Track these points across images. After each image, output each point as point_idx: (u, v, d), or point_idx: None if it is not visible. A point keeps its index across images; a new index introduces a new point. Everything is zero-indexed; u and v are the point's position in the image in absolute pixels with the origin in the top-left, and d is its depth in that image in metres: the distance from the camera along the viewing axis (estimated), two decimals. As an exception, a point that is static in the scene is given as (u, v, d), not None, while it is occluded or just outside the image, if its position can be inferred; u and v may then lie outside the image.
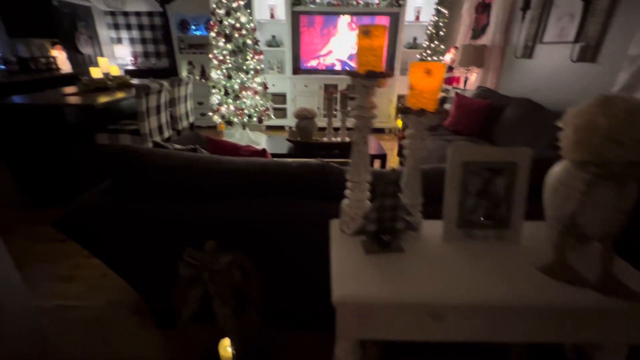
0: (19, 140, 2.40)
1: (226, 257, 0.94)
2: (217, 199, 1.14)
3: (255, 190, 1.13)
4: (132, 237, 1.16)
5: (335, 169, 1.11)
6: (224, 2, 3.44)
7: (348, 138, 2.76)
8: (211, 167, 1.14)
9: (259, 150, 1.40)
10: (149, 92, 2.51)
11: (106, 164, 1.17)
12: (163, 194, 1.14)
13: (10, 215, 2.47)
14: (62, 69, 4.90)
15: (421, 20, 4.47)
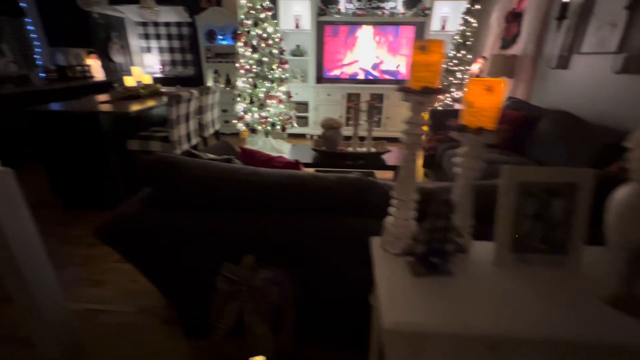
0: (56, 144, 2.50)
1: (264, 273, 0.92)
2: (253, 211, 1.13)
3: (292, 203, 1.12)
4: (169, 247, 1.16)
5: (375, 185, 1.07)
6: (252, 13, 3.51)
7: (374, 148, 2.73)
8: (247, 179, 1.13)
9: (292, 162, 1.39)
10: (180, 101, 2.57)
11: (145, 172, 1.18)
12: (200, 205, 1.15)
13: (45, 217, 2.57)
14: (96, 76, 5.13)
15: (447, 29, 4.41)
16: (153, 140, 2.64)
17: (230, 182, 1.13)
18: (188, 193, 1.14)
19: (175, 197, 1.16)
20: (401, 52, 4.49)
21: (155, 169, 1.17)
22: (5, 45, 3.94)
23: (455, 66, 4.13)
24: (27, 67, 4.18)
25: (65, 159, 2.55)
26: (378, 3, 4.40)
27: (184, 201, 1.15)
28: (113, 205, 2.63)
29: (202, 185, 1.14)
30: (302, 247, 1.10)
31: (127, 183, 2.72)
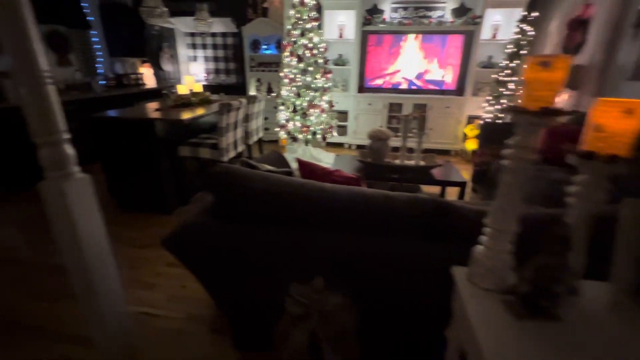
0: (115, 148, 2.65)
1: (337, 298, 0.87)
2: (318, 229, 1.08)
3: (360, 223, 1.06)
4: (230, 260, 1.14)
5: (456, 208, 0.99)
6: (299, 24, 3.55)
7: (423, 161, 2.61)
8: (314, 195, 1.09)
9: (352, 177, 1.34)
10: (231, 109, 2.63)
11: (209, 183, 1.18)
12: (264, 218, 1.12)
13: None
14: (148, 84, 5.45)
15: (498, 38, 4.20)
16: (203, 147, 2.71)
17: (297, 197, 1.09)
18: (253, 206, 1.12)
19: (239, 209, 1.14)
20: (448, 62, 4.33)
21: (221, 180, 1.16)
22: (73, 55, 4.29)
23: (507, 76, 3.91)
24: (90, 75, 4.52)
25: (122, 163, 2.69)
26: (425, 12, 4.30)
27: (248, 213, 1.13)
28: (163, 209, 2.74)
29: (268, 199, 1.11)
30: (369, 269, 1.03)
31: (177, 188, 2.81)
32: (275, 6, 4.71)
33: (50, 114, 1.01)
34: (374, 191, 1.08)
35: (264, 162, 1.84)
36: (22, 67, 0.95)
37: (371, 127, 4.72)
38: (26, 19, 0.93)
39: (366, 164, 2.62)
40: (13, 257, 2.18)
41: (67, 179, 1.09)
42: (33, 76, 0.96)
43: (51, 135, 1.02)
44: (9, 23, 0.90)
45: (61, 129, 1.05)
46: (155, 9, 2.57)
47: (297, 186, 1.12)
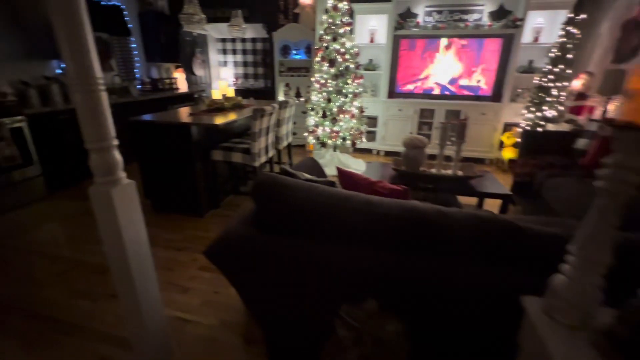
0: (152, 151, 2.71)
1: (391, 323, 0.80)
2: (363, 246, 1.02)
3: (411, 241, 0.99)
4: (271, 273, 1.10)
5: (529, 231, 0.90)
6: (331, 29, 3.52)
7: (461, 171, 2.49)
8: (362, 208, 1.04)
9: (398, 190, 1.27)
10: (264, 114, 2.62)
11: (255, 192, 1.15)
12: (308, 231, 1.07)
13: (137, 217, 2.78)
14: (180, 88, 5.62)
15: (540, 42, 3.98)
16: (235, 152, 2.72)
17: (344, 211, 1.04)
18: (297, 217, 1.08)
19: (284, 220, 1.10)
20: (484, 66, 4.16)
21: (266, 190, 1.13)
22: (114, 61, 4.49)
23: (550, 82, 3.68)
24: (128, 79, 4.71)
25: (157, 165, 2.75)
26: (461, 15, 4.15)
27: (292, 225, 1.09)
28: (196, 211, 2.77)
29: (313, 211, 1.06)
30: (422, 293, 0.96)
31: (209, 191, 2.84)
32: (306, 12, 4.72)
33: (102, 120, 1.02)
34: (428, 207, 1.01)
35: (301, 169, 1.81)
36: (78, 74, 0.96)
37: (401, 133, 4.61)
38: (85, 27, 0.94)
39: (400, 172, 2.53)
40: (56, 254, 2.27)
41: (115, 184, 1.09)
42: (88, 83, 0.97)
43: (102, 141, 1.03)
44: (69, 32, 0.92)
45: (111, 135, 1.06)
46: (194, 16, 2.63)
47: (343, 199, 1.06)
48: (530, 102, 3.94)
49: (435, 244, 0.97)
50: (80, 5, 0.92)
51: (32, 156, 3.03)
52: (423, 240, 0.98)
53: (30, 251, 2.31)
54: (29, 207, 2.98)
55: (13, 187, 2.90)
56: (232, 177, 3.27)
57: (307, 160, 1.94)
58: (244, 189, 3.37)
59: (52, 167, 3.23)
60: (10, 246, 2.36)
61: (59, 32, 0.91)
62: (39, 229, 2.63)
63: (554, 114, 3.76)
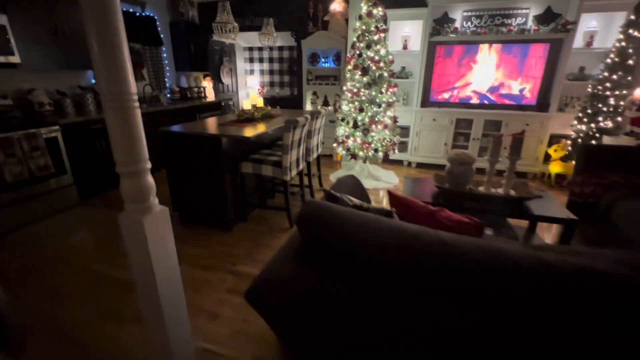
0: (180, 162, 2.64)
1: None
2: (432, 296, 0.83)
3: (502, 297, 0.79)
4: (321, 319, 0.93)
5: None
6: (365, 36, 3.37)
7: (513, 190, 2.23)
8: (430, 250, 0.85)
9: (470, 224, 1.07)
10: (297, 126, 2.49)
11: (301, 224, 0.99)
12: (366, 273, 0.90)
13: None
14: (208, 97, 5.64)
15: (594, 47, 3.65)
16: (265, 164, 2.60)
17: (407, 252, 0.85)
18: (351, 256, 0.91)
19: (336, 258, 0.93)
20: (529, 74, 3.86)
21: (313, 221, 0.97)
22: (145, 70, 4.54)
23: (606, 91, 3.35)
24: (159, 88, 4.75)
25: (186, 177, 2.67)
26: (503, 19, 3.89)
27: (345, 264, 0.92)
28: (223, 224, 2.66)
29: (373, 250, 0.89)
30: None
31: (237, 204, 2.72)
32: (336, 19, 4.61)
33: (136, 141, 0.89)
34: (523, 253, 0.81)
35: (342, 189, 1.64)
36: (111, 90, 0.84)
37: (434, 144, 4.36)
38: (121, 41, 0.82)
39: (444, 190, 2.30)
40: (84, 266, 2.21)
41: (147, 211, 0.97)
42: (122, 99, 0.85)
43: (135, 164, 0.91)
44: (104, 44, 0.80)
45: (145, 157, 0.93)
46: (227, 24, 2.56)
47: (409, 237, 0.88)
48: (582, 112, 3.60)
49: (535, 303, 0.76)
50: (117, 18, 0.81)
51: (65, 165, 3.05)
52: (518, 296, 0.78)
53: (60, 261, 2.26)
54: (61, 215, 2.98)
55: (47, 195, 2.91)
56: (260, 189, 3.15)
57: (347, 179, 1.77)
58: (272, 203, 3.24)
59: (84, 175, 3.24)
60: (41, 256, 2.33)
61: (93, 44, 0.80)
62: (69, 238, 2.60)
63: (611, 125, 3.41)
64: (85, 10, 0.76)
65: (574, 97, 3.91)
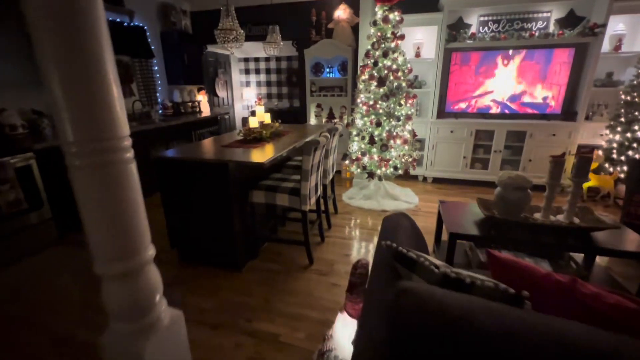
0: (178, 192, 2.24)
1: None
2: None
3: None
4: None
5: None
6: (382, 43, 3.06)
7: (577, 219, 1.90)
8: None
9: (637, 311, 0.72)
10: (317, 148, 2.13)
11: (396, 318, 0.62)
12: None
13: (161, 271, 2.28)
14: (203, 111, 5.25)
15: (623, 50, 3.41)
16: (280, 193, 2.22)
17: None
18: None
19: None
20: (553, 81, 3.60)
21: (421, 323, 0.60)
22: (134, 85, 4.14)
23: (643, 97, 3.09)
24: (150, 104, 4.35)
25: (186, 208, 2.27)
26: (523, 24, 3.64)
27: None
28: (232, 264, 2.24)
29: None
30: None
31: (246, 238, 2.33)
32: (341, 26, 4.31)
33: (132, 221, 0.51)
34: None
35: (397, 235, 1.27)
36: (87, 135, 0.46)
37: (452, 157, 4.05)
38: (107, 62, 0.45)
39: (495, 220, 1.95)
40: (62, 333, 1.77)
41: (149, 330, 0.58)
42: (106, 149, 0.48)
43: (130, 259, 0.52)
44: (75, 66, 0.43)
45: (146, 243, 0.55)
46: (231, 32, 2.20)
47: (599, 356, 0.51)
48: (614, 121, 3.34)
49: None
50: (100, 32, 0.44)
51: (41, 197, 2.61)
52: None
53: (31, 323, 1.82)
54: (36, 258, 2.53)
55: (20, 234, 2.47)
56: (270, 218, 2.76)
57: (396, 219, 1.40)
58: (285, 234, 2.85)
59: (64, 207, 2.80)
60: (8, 314, 1.88)
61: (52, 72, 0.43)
62: (42, 289, 2.15)
63: (647, 134, 3.15)
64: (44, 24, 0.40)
65: (601, 105, 3.66)
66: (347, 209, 3.39)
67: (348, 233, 2.86)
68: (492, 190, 3.93)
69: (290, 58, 6.27)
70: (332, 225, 2.97)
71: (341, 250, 2.57)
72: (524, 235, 1.86)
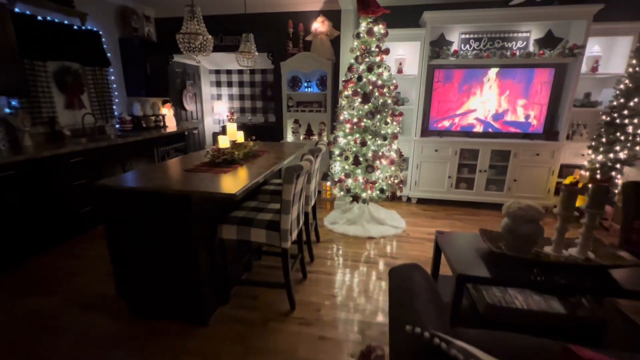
0: (128, 227, 1.81)
1: None
2: None
3: None
4: None
5: None
6: (366, 57, 2.84)
7: (592, 254, 1.71)
8: None
9: None
10: (300, 174, 1.81)
11: None
12: None
13: (109, 327, 1.81)
14: (169, 125, 4.78)
15: (600, 71, 3.45)
16: (256, 228, 1.86)
17: None
18: None
19: None
20: (534, 100, 3.56)
21: None
22: (86, 96, 3.64)
23: (625, 118, 3.09)
24: (104, 118, 3.84)
25: (138, 247, 1.84)
26: (503, 43, 3.61)
27: None
28: (196, 316, 1.78)
29: None
30: None
31: (214, 280, 1.92)
32: (320, 39, 4.09)
33: None
34: None
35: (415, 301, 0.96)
36: None
37: (437, 177, 3.87)
38: None
39: (506, 258, 1.71)
40: None
41: None
42: None
43: None
44: None
45: None
46: (197, 37, 1.84)
47: None
48: (595, 141, 3.33)
49: None
50: None
51: (-52, 235, 2.06)
52: None
53: None
54: None
55: None
56: (242, 254, 2.37)
57: (410, 273, 1.09)
58: (260, 273, 2.46)
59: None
60: None
61: None
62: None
63: (627, 155, 3.14)
64: None
65: (580, 125, 3.67)
66: (329, 236, 3.07)
67: (333, 267, 2.53)
68: (477, 211, 3.81)
69: (266, 71, 5.98)
70: (314, 257, 2.63)
71: (327, 289, 2.22)
72: (538, 275, 1.63)
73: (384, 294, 2.17)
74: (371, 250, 2.80)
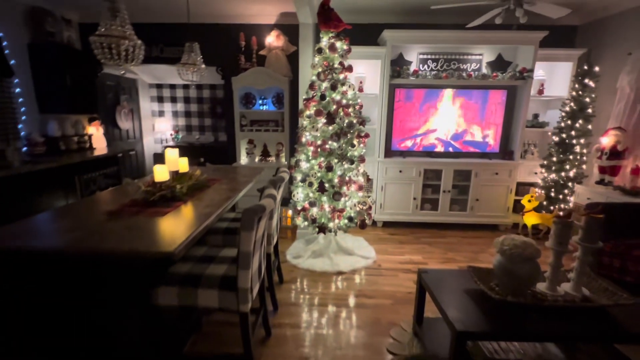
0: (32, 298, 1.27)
1: None
2: None
3: None
4: None
5: None
6: (328, 74, 2.60)
7: (587, 290, 1.57)
8: None
9: None
10: (262, 217, 1.43)
11: None
12: None
13: None
14: (97, 147, 4.05)
15: (546, 94, 3.64)
16: (205, 289, 1.42)
17: None
18: None
19: None
20: (490, 120, 3.63)
21: None
22: (-23, 112, 2.87)
23: (572, 139, 3.24)
24: (5, 139, 3.07)
25: (31, 327, 1.30)
26: (459, 64, 3.66)
27: None
28: None
29: None
30: None
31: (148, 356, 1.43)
32: (275, 54, 3.80)
33: None
34: None
35: None
36: None
37: (402, 198, 3.72)
38: None
39: (504, 303, 1.50)
40: None
41: None
42: None
43: None
44: None
45: None
46: (121, 42, 1.39)
47: None
48: (547, 160, 3.45)
49: None
50: None
51: None
52: None
53: None
54: None
55: None
56: (190, 312, 1.89)
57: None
58: (205, 344, 1.99)
59: None
60: None
61: None
62: None
63: (574, 173, 3.29)
64: None
65: (531, 144, 3.82)
66: (294, 273, 2.69)
67: (301, 316, 2.14)
68: (443, 232, 3.71)
69: (215, 86, 5.50)
70: (278, 304, 2.22)
71: (296, 348, 1.83)
72: (544, 325, 1.43)
73: (364, 348, 1.84)
74: (342, 288, 2.48)
